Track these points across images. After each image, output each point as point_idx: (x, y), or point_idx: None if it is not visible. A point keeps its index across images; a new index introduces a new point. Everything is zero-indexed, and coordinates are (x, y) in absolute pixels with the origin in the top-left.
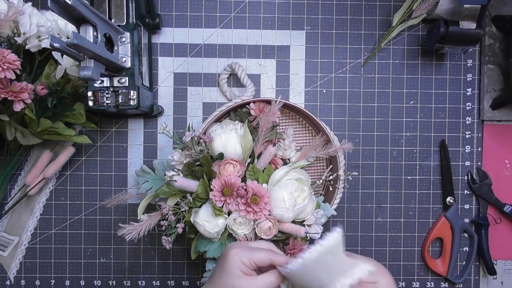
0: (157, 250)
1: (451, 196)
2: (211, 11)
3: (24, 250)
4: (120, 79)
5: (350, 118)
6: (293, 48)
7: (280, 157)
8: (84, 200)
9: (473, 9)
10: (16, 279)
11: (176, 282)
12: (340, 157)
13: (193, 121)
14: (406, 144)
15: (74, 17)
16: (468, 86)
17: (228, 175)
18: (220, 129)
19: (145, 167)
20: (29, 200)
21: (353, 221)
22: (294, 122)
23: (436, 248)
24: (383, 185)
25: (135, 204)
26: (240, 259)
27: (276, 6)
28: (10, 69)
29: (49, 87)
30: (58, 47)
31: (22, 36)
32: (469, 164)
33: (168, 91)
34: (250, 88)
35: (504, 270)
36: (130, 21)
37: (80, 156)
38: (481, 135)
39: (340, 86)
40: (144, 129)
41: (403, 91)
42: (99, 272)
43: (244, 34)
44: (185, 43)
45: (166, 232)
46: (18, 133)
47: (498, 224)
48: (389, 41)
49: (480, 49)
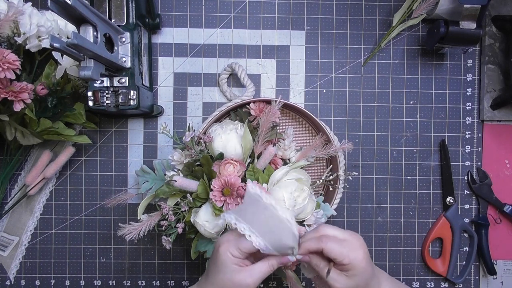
0: (157, 250)
1: (451, 196)
2: (211, 11)
3: (24, 250)
4: (120, 79)
5: (350, 118)
6: (293, 48)
7: (280, 157)
8: (84, 200)
9: (473, 9)
10: (16, 279)
11: (176, 282)
12: (340, 157)
13: (193, 121)
14: (406, 144)
15: (74, 17)
16: (468, 86)
17: (228, 175)
18: (220, 129)
19: (145, 167)
20: (29, 200)
21: (353, 221)
22: (294, 122)
23: (436, 248)
24: (383, 185)
25: (135, 204)
26: (230, 253)
27: (276, 6)
28: (10, 69)
29: (49, 87)
30: (58, 47)
31: (22, 36)
32: (469, 164)
33: (168, 91)
34: (250, 88)
35: (504, 270)
36: (130, 21)
37: (80, 156)
38: (481, 135)
39: (340, 86)
40: (144, 129)
41: (403, 91)
42: (99, 272)
43: (244, 34)
44: (185, 43)
45: (166, 232)
46: (18, 133)
47: (498, 224)
48: (389, 41)
49: (480, 49)
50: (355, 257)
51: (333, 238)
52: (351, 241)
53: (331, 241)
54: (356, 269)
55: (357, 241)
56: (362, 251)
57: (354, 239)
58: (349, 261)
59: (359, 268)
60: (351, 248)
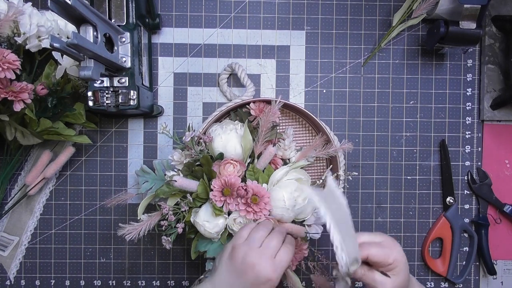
0: (157, 250)
1: (451, 196)
2: (211, 11)
3: (24, 250)
4: (120, 79)
5: (350, 118)
6: (293, 48)
7: (280, 157)
8: (84, 200)
9: (473, 9)
10: (16, 279)
11: (176, 282)
12: (340, 157)
13: (193, 121)
14: (406, 144)
15: (74, 17)
16: (468, 86)
17: (228, 175)
18: (220, 129)
19: (145, 167)
20: (29, 200)
21: (353, 221)
22: (294, 122)
23: (436, 248)
24: (383, 185)
25: (135, 204)
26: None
27: (276, 6)
28: (10, 69)
29: (49, 87)
30: (58, 47)
31: (22, 36)
32: (469, 164)
33: (168, 91)
34: (250, 88)
35: (504, 270)
36: (130, 21)
37: (80, 156)
38: (481, 135)
39: (340, 86)
40: (144, 129)
41: (403, 91)
42: (99, 272)
43: (244, 34)
44: (185, 43)
45: (166, 232)
46: (18, 133)
47: (498, 224)
48: (389, 41)
49: (480, 49)
50: (397, 253)
51: (372, 243)
52: (388, 241)
53: (372, 247)
54: (400, 265)
55: (391, 240)
56: (399, 247)
57: (388, 238)
58: (394, 258)
59: (402, 263)
60: (391, 247)
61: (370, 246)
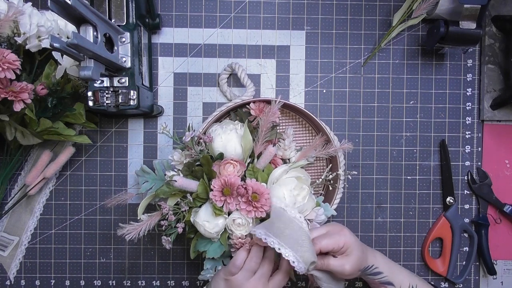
0: (157, 250)
1: (451, 196)
2: (211, 11)
3: (24, 250)
4: (120, 79)
5: (350, 118)
6: (293, 48)
7: (280, 157)
8: (84, 200)
9: (473, 9)
10: (16, 279)
11: (176, 282)
12: (340, 157)
13: (193, 121)
14: (406, 144)
15: (74, 17)
16: (468, 86)
17: (228, 175)
18: (220, 129)
19: (145, 167)
20: (29, 200)
21: (353, 221)
22: (294, 122)
23: (436, 248)
24: (383, 185)
25: (135, 204)
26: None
27: (276, 6)
28: (10, 69)
29: (49, 87)
30: (58, 47)
31: (22, 36)
32: (469, 164)
33: (168, 91)
34: (250, 88)
35: (504, 270)
36: (130, 21)
37: (80, 156)
38: (481, 135)
39: (340, 86)
40: (144, 129)
41: (403, 91)
42: (99, 272)
43: (244, 34)
44: (185, 43)
45: (166, 232)
46: (18, 133)
47: (498, 224)
48: (389, 41)
49: (480, 49)
50: (344, 236)
51: (320, 236)
52: (333, 228)
53: (322, 239)
54: (351, 245)
55: (337, 226)
56: (345, 230)
57: (334, 225)
58: (344, 241)
59: (353, 242)
60: (338, 233)
61: (319, 239)
